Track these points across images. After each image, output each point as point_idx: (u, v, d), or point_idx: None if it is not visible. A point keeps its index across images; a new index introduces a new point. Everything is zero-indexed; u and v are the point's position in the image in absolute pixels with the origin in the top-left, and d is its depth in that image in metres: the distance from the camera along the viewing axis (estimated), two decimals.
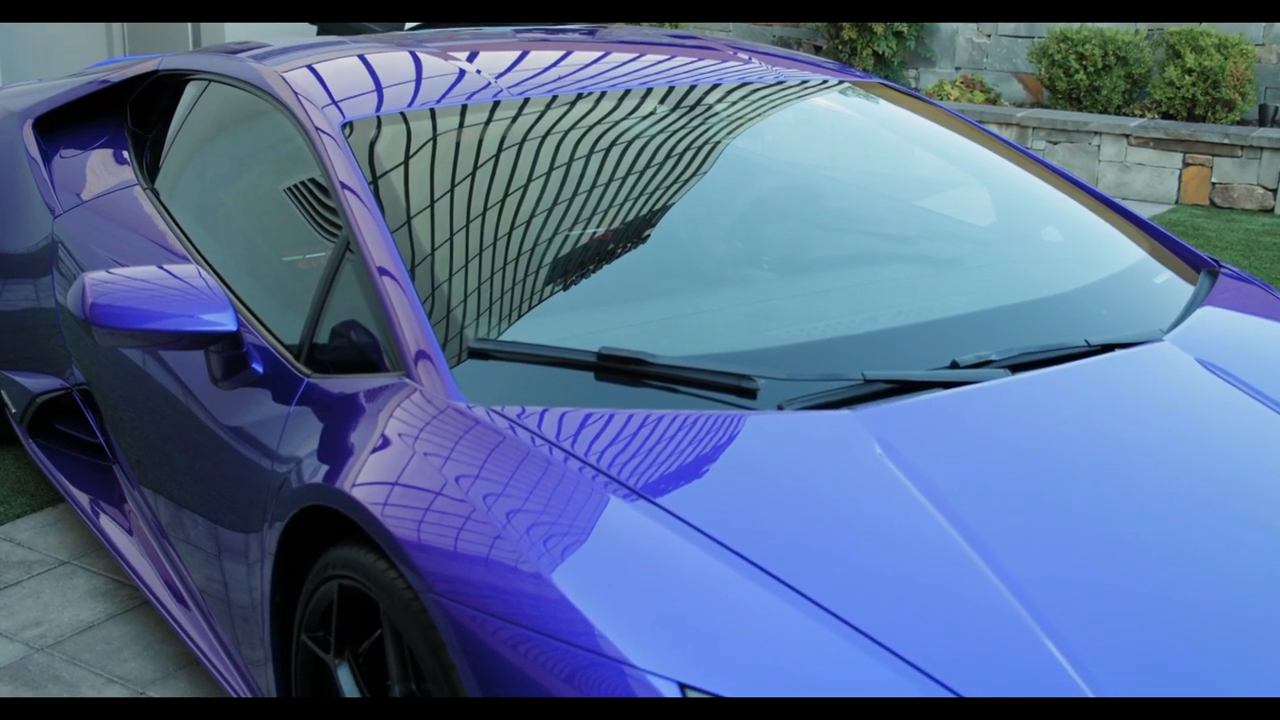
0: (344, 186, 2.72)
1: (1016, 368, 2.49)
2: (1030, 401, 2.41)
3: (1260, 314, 2.94)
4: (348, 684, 2.33)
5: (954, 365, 2.46)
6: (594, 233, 2.88)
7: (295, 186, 3.09)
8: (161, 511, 3.19)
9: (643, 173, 3.04)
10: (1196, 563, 2.09)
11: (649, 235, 2.96)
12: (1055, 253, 3.20)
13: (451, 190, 2.83)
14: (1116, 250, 3.12)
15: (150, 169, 3.68)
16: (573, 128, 3.04)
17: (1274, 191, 8.25)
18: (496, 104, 3.05)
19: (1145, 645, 1.92)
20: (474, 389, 2.35)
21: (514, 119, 3.03)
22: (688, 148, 3.14)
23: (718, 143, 3.21)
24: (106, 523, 3.51)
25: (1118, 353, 2.58)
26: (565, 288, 2.73)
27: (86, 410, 3.76)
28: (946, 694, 1.80)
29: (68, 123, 4.07)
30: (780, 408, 2.31)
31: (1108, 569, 2.04)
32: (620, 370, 2.36)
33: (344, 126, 2.89)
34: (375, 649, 2.28)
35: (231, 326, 2.60)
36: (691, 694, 1.77)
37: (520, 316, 2.61)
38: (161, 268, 2.69)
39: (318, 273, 2.76)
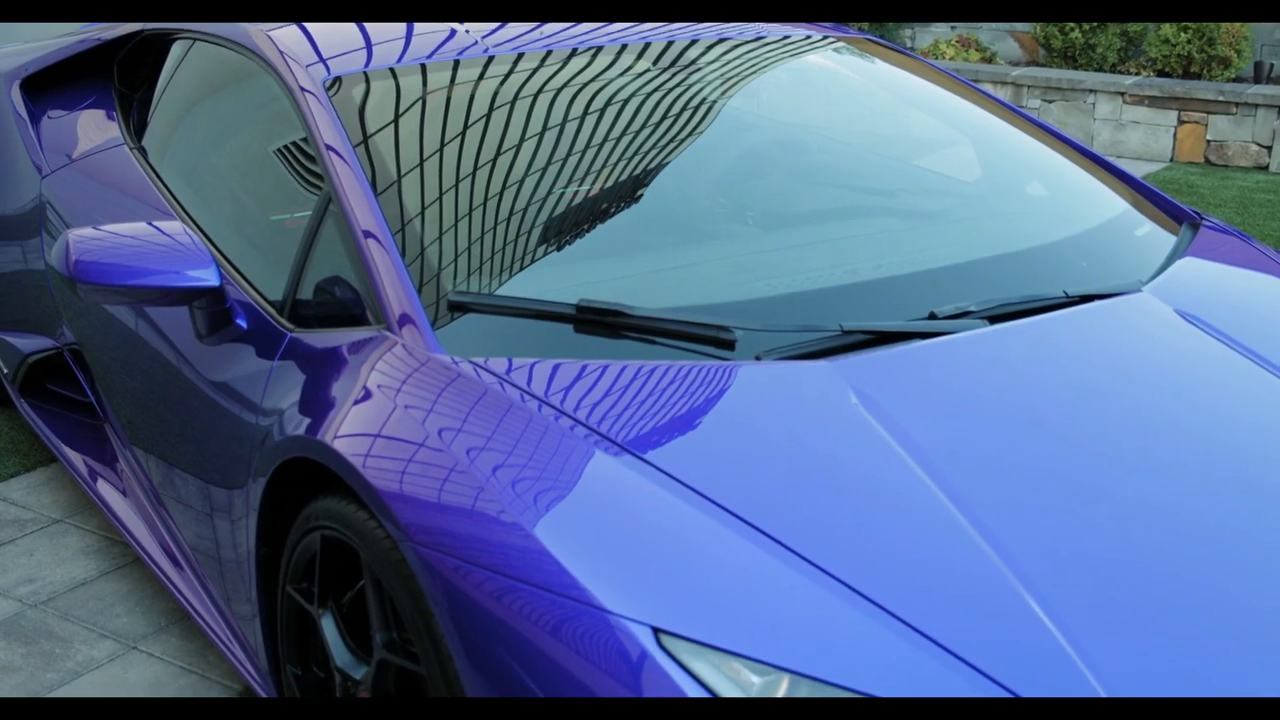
0: (327, 146, 2.73)
1: (995, 318, 2.50)
2: (1007, 352, 2.42)
3: (1240, 265, 2.95)
4: (331, 634, 2.35)
5: (932, 316, 2.48)
6: (579, 190, 2.89)
7: (280, 144, 3.09)
8: (152, 470, 3.22)
9: (631, 129, 3.04)
10: (1169, 514, 2.10)
11: (634, 192, 2.97)
12: (1038, 206, 3.21)
13: (439, 148, 2.84)
14: (1099, 203, 3.12)
15: (137, 128, 3.69)
16: (562, 86, 3.05)
17: (1269, 149, 8.23)
18: (487, 60, 3.05)
19: (1115, 593, 1.93)
20: (454, 342, 2.37)
21: (504, 78, 3.03)
22: (676, 104, 3.14)
23: (707, 100, 3.21)
24: (98, 481, 3.53)
25: (1096, 303, 2.59)
26: (547, 243, 2.74)
27: (77, 370, 3.77)
28: (919, 638, 1.82)
29: (55, 83, 4.07)
30: (758, 358, 2.33)
31: (1076, 516, 2.05)
32: (599, 322, 2.38)
33: (328, 83, 2.90)
34: (358, 600, 2.30)
35: (214, 282, 2.61)
36: (665, 638, 1.79)
37: (502, 271, 2.62)
38: (145, 224, 2.71)
39: (301, 229, 2.77)
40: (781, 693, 1.76)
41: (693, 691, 1.74)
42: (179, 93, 3.64)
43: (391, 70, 2.99)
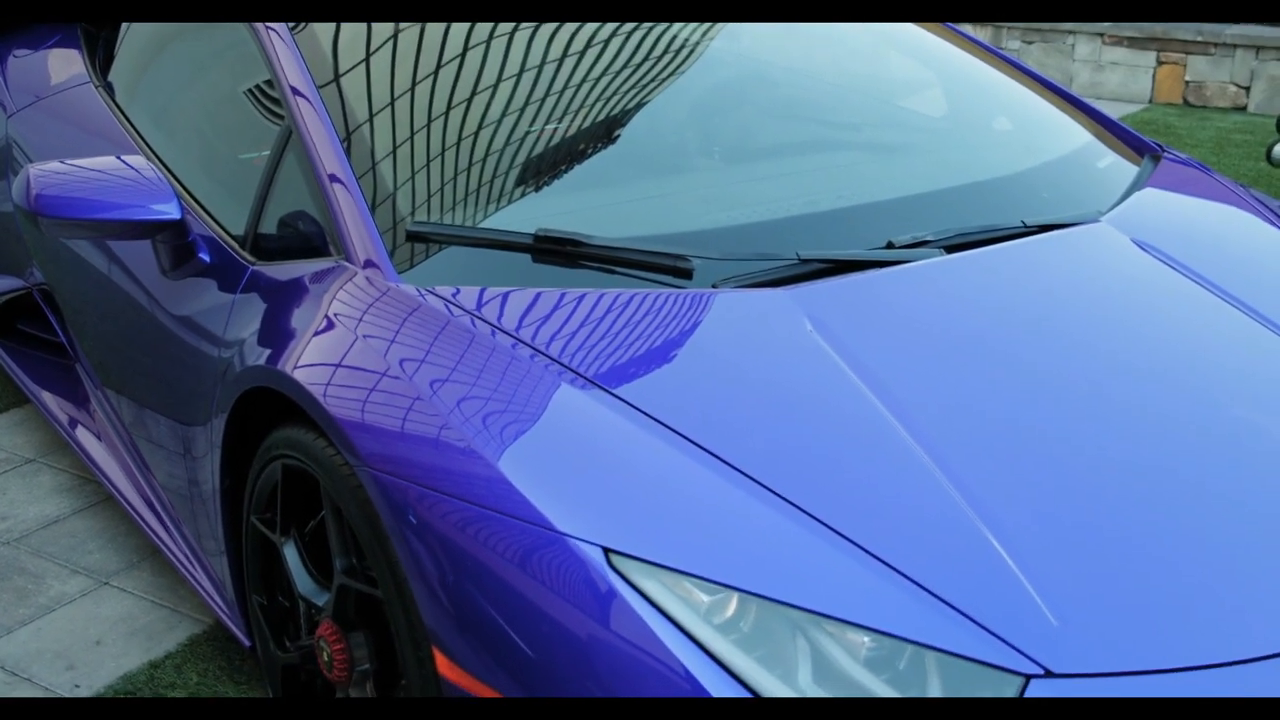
0: (292, 88, 2.72)
1: (952, 248, 2.52)
2: (962, 280, 2.44)
3: (1199, 196, 2.97)
4: (294, 562, 2.38)
5: (890, 246, 2.49)
6: (547, 128, 2.89)
7: (245, 83, 3.08)
8: (123, 410, 3.23)
9: (601, 68, 3.04)
10: (1116, 438, 2.12)
11: (601, 129, 2.97)
12: (1002, 140, 3.22)
13: (409, 88, 2.83)
14: (1061, 136, 3.14)
15: (103, 66, 3.67)
16: (533, 26, 3.04)
17: (1246, 89, 8.24)
18: None
19: (1063, 517, 1.94)
20: (413, 272, 2.38)
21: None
22: (646, 42, 3.14)
23: (677, 37, 3.21)
24: (70, 421, 3.55)
25: (1053, 233, 2.61)
26: (511, 178, 2.74)
27: (48, 310, 3.78)
28: (868, 558, 1.84)
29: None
30: (715, 287, 2.35)
31: (1023, 441, 2.08)
32: (557, 251, 2.39)
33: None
34: (320, 529, 2.32)
35: (175, 215, 2.62)
36: (616, 558, 1.82)
37: (465, 205, 2.63)
38: (105, 159, 2.71)
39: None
40: (730, 611, 1.79)
41: (641, 610, 1.77)
42: (145, 30, 3.62)
43: None
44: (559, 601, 1.82)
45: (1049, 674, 1.74)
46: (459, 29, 2.97)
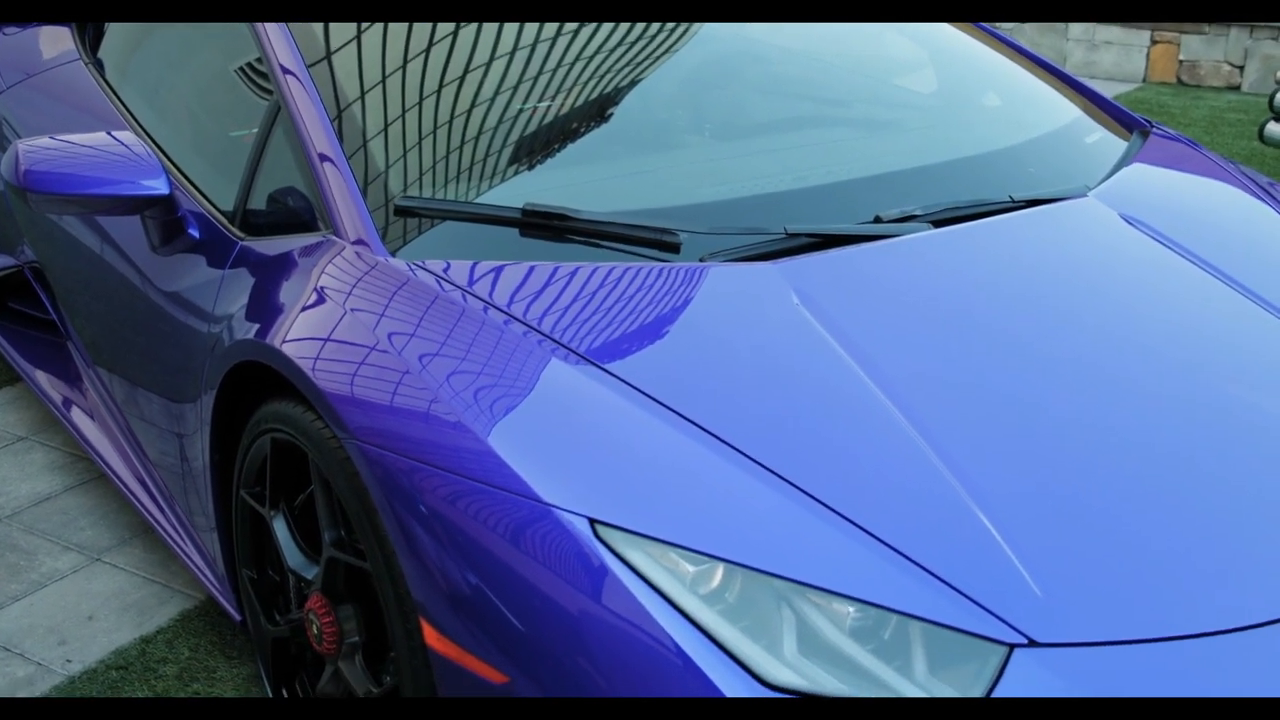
0: (282, 66, 2.72)
1: (940, 223, 2.52)
2: (949, 254, 2.44)
3: (1187, 171, 2.97)
4: (283, 535, 2.39)
5: (877, 220, 2.50)
6: (536, 105, 2.89)
7: (234, 59, 3.08)
8: (115, 388, 3.23)
9: (593, 46, 3.04)
10: (1102, 412, 2.12)
11: (592, 106, 2.97)
12: (991, 116, 3.22)
13: (400, 66, 2.83)
14: (1050, 111, 3.14)
15: (93, 43, 3.67)
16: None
17: (1240, 69, 8.23)
18: None
19: (1050, 490, 1.95)
20: (401, 246, 2.39)
21: None
22: (633, 21, 3.14)
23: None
24: (62, 399, 3.55)
25: (1040, 208, 2.62)
26: (498, 154, 2.74)
27: (39, 288, 3.78)
28: (854, 529, 1.84)
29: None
30: (702, 260, 2.35)
31: (1010, 415, 2.09)
32: (544, 225, 2.40)
33: None
34: (309, 503, 2.33)
35: (164, 190, 2.62)
36: (601, 529, 1.82)
37: (455, 182, 2.63)
38: (93, 134, 2.71)
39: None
40: (716, 582, 1.79)
41: (627, 580, 1.78)
42: None
43: None
44: (545, 572, 1.83)
45: (1033, 644, 1.75)
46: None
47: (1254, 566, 1.89)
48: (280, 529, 2.39)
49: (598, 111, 2.95)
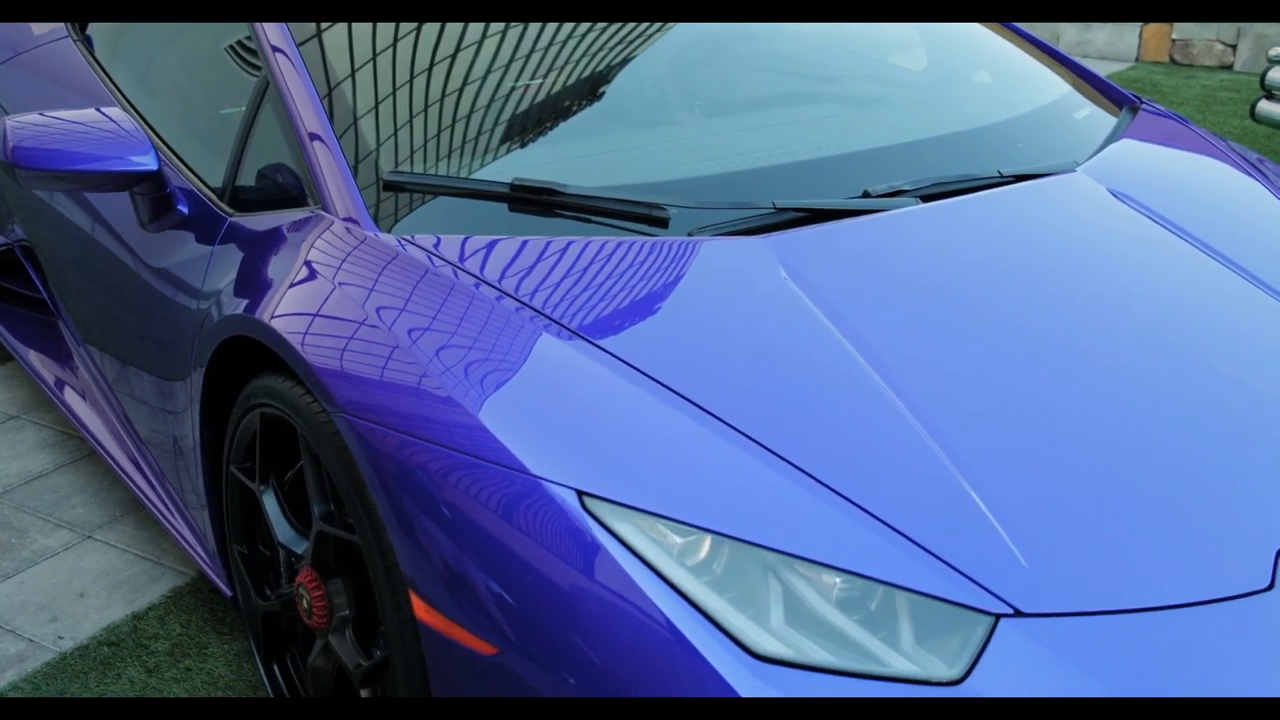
0: (272, 46, 2.71)
1: (928, 197, 2.53)
2: (937, 229, 2.45)
3: (1176, 147, 2.98)
4: (273, 510, 2.39)
5: (866, 195, 2.50)
6: (526, 83, 2.89)
7: (223, 37, 3.08)
8: (106, 367, 3.24)
9: (583, 27, 3.03)
10: (1089, 384, 2.13)
11: (581, 84, 2.97)
12: (981, 92, 3.22)
13: (391, 44, 2.83)
14: (1040, 88, 3.14)
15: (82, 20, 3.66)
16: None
17: (1233, 48, 8.23)
18: None
19: (1039, 466, 1.96)
20: (391, 222, 2.39)
21: None
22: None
23: None
24: (53, 377, 3.55)
25: (1029, 182, 2.62)
26: (488, 131, 2.74)
27: (29, 267, 3.78)
28: (841, 501, 1.85)
29: None
30: (691, 235, 2.35)
31: (997, 389, 2.09)
32: (533, 200, 2.40)
33: None
34: (299, 479, 2.34)
35: (152, 166, 2.62)
36: (589, 501, 1.83)
37: (445, 159, 2.63)
38: (82, 110, 2.71)
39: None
40: (703, 553, 1.80)
41: (614, 551, 1.78)
42: None
43: None
44: (533, 544, 1.84)
45: (1018, 614, 1.76)
46: None
47: (1239, 537, 1.90)
48: (270, 504, 2.40)
49: (588, 89, 2.95)
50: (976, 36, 3.39)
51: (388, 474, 2.00)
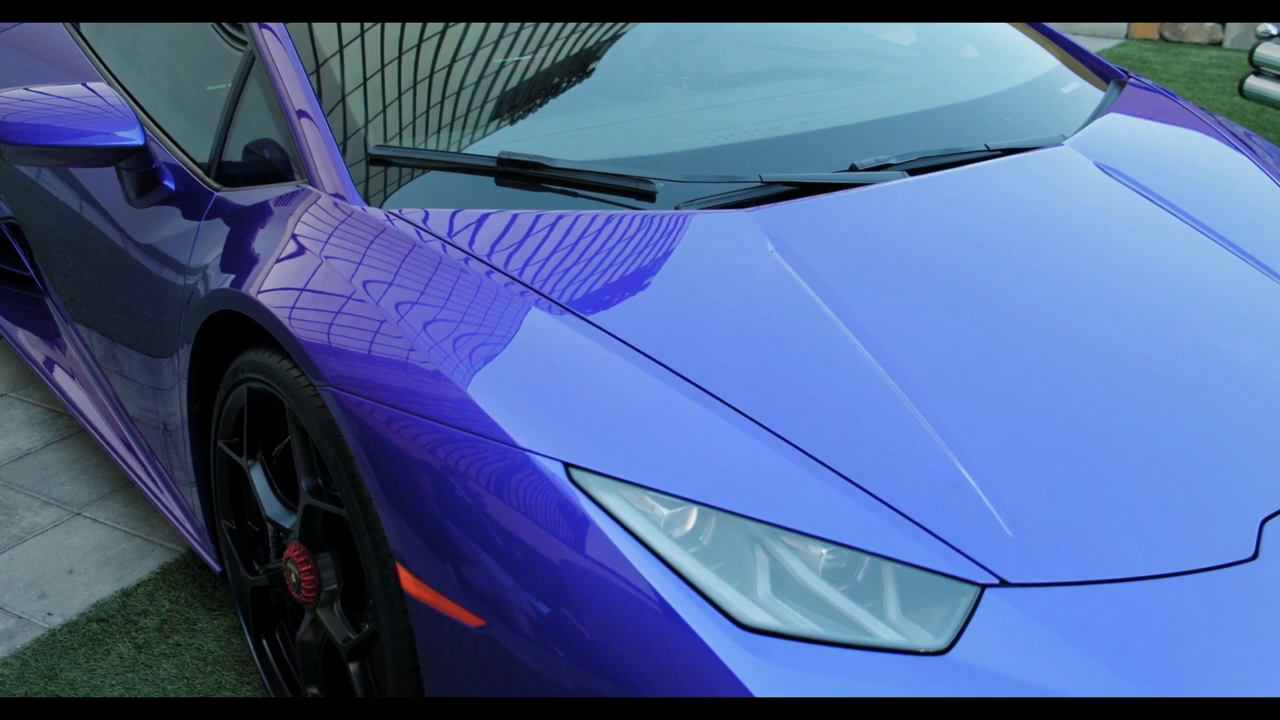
0: (258, 23, 2.70)
1: (915, 171, 2.53)
2: (924, 201, 2.45)
3: (1163, 121, 2.98)
4: (260, 484, 2.39)
5: (852, 168, 2.50)
6: (514, 59, 2.88)
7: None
8: (94, 344, 3.23)
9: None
10: (1076, 355, 2.14)
11: (566, 58, 2.96)
12: (969, 67, 3.22)
13: (379, 20, 2.82)
14: (1027, 62, 3.14)
15: None
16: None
17: (1223, 25, 8.22)
18: None
19: (1023, 437, 1.96)
20: (377, 197, 2.38)
21: None
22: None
23: None
24: (41, 355, 3.55)
25: (1015, 156, 2.62)
26: (476, 107, 2.74)
27: (16, 244, 3.77)
28: (827, 472, 1.86)
29: None
30: (678, 209, 2.35)
31: (983, 360, 2.09)
32: (520, 175, 2.39)
33: None
34: (287, 454, 2.34)
35: (138, 140, 2.61)
36: (576, 473, 1.83)
37: (434, 135, 2.62)
38: (67, 85, 2.70)
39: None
40: (690, 525, 1.81)
41: (601, 522, 1.79)
42: None
43: None
44: (520, 516, 1.84)
45: (1004, 584, 1.77)
46: None
47: (1224, 509, 1.91)
48: (258, 479, 2.40)
49: (576, 64, 2.94)
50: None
51: (375, 448, 2.00)
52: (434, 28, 2.81)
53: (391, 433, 1.97)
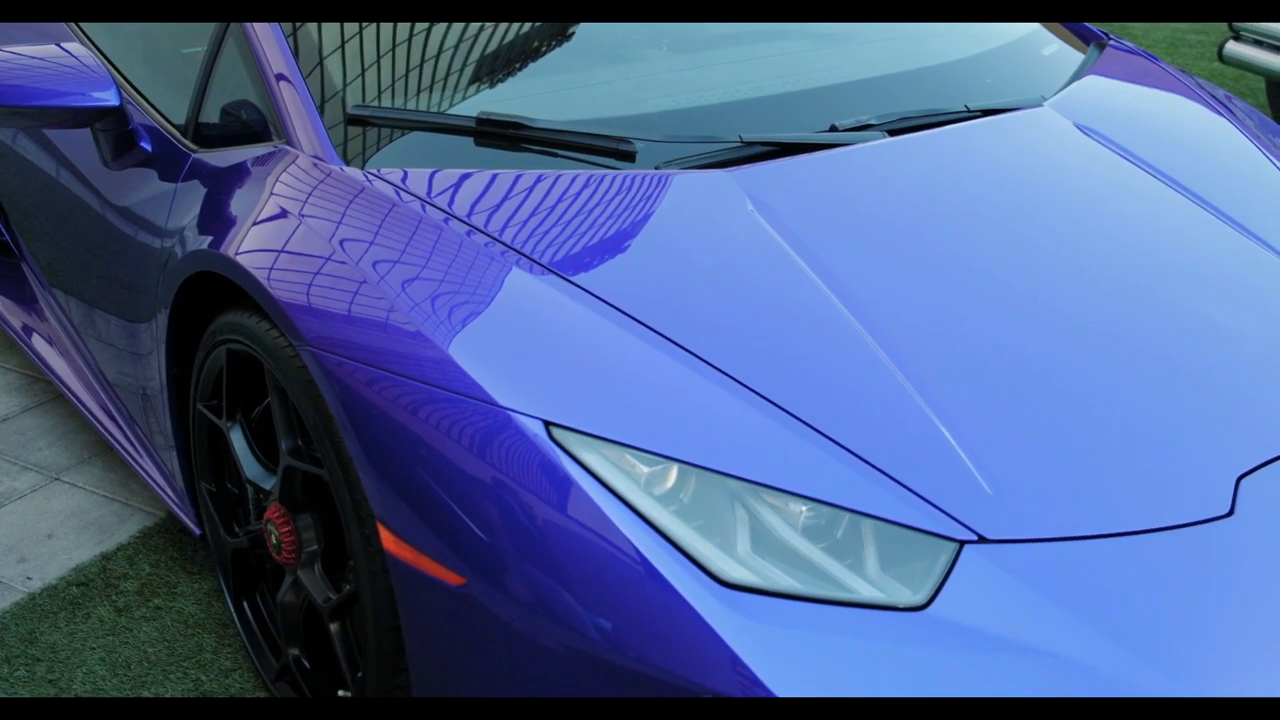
0: None
1: (895, 131, 2.53)
2: (903, 161, 2.45)
3: (1143, 83, 2.98)
4: (240, 446, 2.39)
5: (832, 129, 2.50)
6: (495, 23, 2.86)
7: None
8: (72, 310, 3.21)
9: None
10: (1052, 315, 2.14)
11: (546, 22, 2.94)
12: (949, 28, 3.21)
13: None
14: (1008, 24, 3.13)
15: None
16: None
17: None
18: None
19: (1002, 396, 1.97)
20: (356, 156, 2.37)
21: None
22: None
23: None
24: (19, 321, 3.52)
25: (995, 117, 2.62)
26: (458, 72, 2.72)
27: None
28: (807, 430, 1.86)
29: None
30: (658, 169, 2.35)
31: (961, 319, 2.10)
32: (499, 135, 2.39)
33: None
34: (266, 416, 2.33)
35: (113, 101, 2.59)
36: (556, 431, 1.83)
37: (412, 96, 2.61)
38: (44, 46, 2.67)
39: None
40: (670, 482, 1.81)
41: (582, 480, 1.79)
42: None
43: None
44: (500, 474, 1.84)
45: (983, 540, 1.78)
46: None
47: (1201, 466, 1.92)
48: (238, 440, 2.39)
49: (556, 29, 2.92)
50: None
51: (355, 408, 1.99)
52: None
53: (372, 393, 1.97)
